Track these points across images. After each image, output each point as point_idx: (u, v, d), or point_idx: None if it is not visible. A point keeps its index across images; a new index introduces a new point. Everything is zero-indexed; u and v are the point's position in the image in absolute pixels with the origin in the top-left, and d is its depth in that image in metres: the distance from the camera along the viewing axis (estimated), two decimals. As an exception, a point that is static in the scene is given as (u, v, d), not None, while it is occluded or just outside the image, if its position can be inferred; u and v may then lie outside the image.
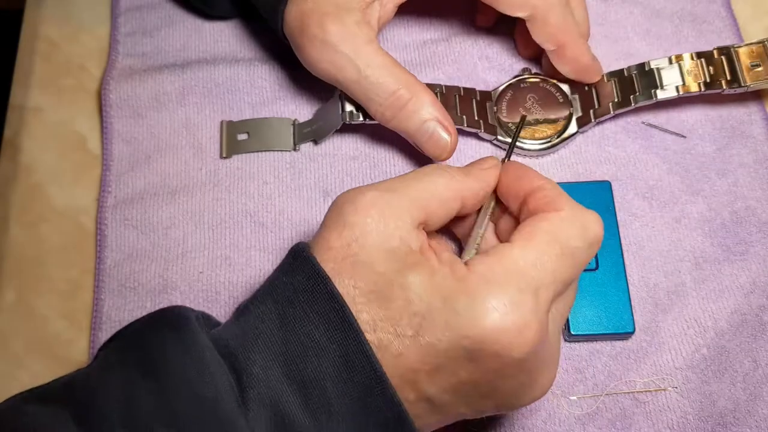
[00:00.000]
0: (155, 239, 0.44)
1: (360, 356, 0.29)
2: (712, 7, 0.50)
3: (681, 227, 0.44)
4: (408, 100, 0.41)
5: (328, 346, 0.30)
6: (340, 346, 0.30)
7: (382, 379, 0.29)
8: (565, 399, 0.41)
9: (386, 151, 0.46)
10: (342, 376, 0.30)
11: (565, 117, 0.46)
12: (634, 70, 0.45)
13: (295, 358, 0.30)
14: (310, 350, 0.30)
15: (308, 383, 0.30)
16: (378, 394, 0.30)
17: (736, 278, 0.43)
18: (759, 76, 0.44)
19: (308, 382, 0.30)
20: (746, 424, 0.40)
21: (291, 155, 0.46)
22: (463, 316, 0.30)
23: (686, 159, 0.46)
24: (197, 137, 0.47)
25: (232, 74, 0.48)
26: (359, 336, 0.29)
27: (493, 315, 0.30)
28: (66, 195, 0.47)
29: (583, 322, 0.41)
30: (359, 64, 0.40)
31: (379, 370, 0.29)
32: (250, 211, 0.45)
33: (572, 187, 0.44)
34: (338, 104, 0.44)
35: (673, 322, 0.42)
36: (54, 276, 0.45)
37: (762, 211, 0.45)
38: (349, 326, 0.29)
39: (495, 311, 0.30)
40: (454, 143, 0.42)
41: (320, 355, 0.30)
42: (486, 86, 0.48)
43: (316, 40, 0.41)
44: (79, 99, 0.49)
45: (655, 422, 0.40)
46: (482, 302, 0.30)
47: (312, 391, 0.30)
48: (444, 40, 0.49)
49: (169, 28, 0.50)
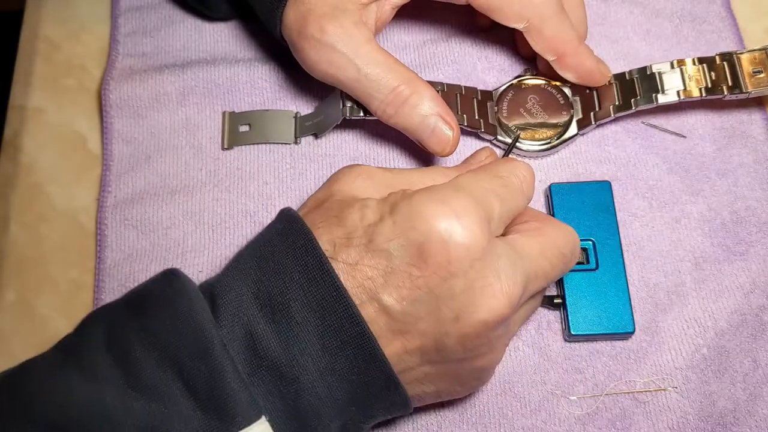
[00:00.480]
0: (155, 239, 0.44)
1: (319, 271, 0.32)
2: (712, 7, 0.50)
3: (681, 227, 0.44)
4: (409, 96, 0.41)
5: (293, 268, 0.32)
6: (304, 267, 0.32)
7: (339, 290, 0.31)
8: (565, 399, 0.41)
9: (387, 151, 0.46)
10: (305, 293, 0.32)
11: (565, 119, 0.46)
12: (635, 74, 0.45)
13: (265, 282, 0.32)
14: (279, 274, 0.32)
15: (275, 304, 0.32)
16: (339, 310, 0.31)
17: (736, 278, 0.43)
18: (761, 82, 0.44)
19: (275, 303, 0.32)
20: (746, 424, 0.40)
21: (291, 156, 0.46)
22: (412, 210, 0.32)
23: (686, 159, 0.46)
24: (197, 137, 0.47)
25: (232, 74, 0.48)
26: (319, 253, 0.32)
27: (440, 208, 0.32)
28: (66, 195, 0.47)
29: (583, 322, 0.41)
30: (358, 63, 0.41)
31: (337, 280, 0.31)
32: (250, 211, 0.45)
33: (572, 187, 0.44)
34: (339, 99, 0.44)
35: (673, 322, 0.42)
36: (54, 276, 0.45)
37: (762, 211, 0.45)
38: (312, 247, 0.32)
39: (443, 204, 0.32)
40: (456, 138, 0.42)
41: (286, 276, 0.32)
42: (486, 86, 0.48)
43: (314, 40, 0.41)
44: (79, 99, 0.49)
45: (655, 422, 0.40)
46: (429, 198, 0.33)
47: (277, 309, 0.32)
48: (444, 41, 0.49)
49: (169, 28, 0.50)
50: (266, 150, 0.47)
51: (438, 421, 0.40)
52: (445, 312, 0.32)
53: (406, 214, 0.32)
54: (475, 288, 0.32)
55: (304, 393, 0.31)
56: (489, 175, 0.36)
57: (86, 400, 0.30)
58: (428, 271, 0.32)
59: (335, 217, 0.34)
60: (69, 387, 0.30)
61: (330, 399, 0.32)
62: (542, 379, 0.41)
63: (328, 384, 0.32)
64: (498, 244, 0.33)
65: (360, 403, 0.33)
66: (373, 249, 0.32)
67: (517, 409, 0.40)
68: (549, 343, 0.42)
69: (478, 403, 0.41)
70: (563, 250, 0.36)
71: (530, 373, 0.41)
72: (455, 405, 0.41)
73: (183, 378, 0.30)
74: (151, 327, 0.31)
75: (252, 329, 0.31)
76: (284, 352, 0.31)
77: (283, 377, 0.31)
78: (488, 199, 0.34)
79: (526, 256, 0.34)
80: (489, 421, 0.40)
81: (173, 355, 0.30)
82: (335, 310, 0.31)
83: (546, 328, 0.42)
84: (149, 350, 0.31)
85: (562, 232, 0.36)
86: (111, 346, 0.31)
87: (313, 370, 0.31)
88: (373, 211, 0.33)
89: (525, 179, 0.36)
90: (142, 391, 0.30)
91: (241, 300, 0.32)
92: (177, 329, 0.31)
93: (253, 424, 0.30)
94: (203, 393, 0.30)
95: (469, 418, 0.40)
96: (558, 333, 0.42)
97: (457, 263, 0.32)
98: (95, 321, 0.33)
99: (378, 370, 0.32)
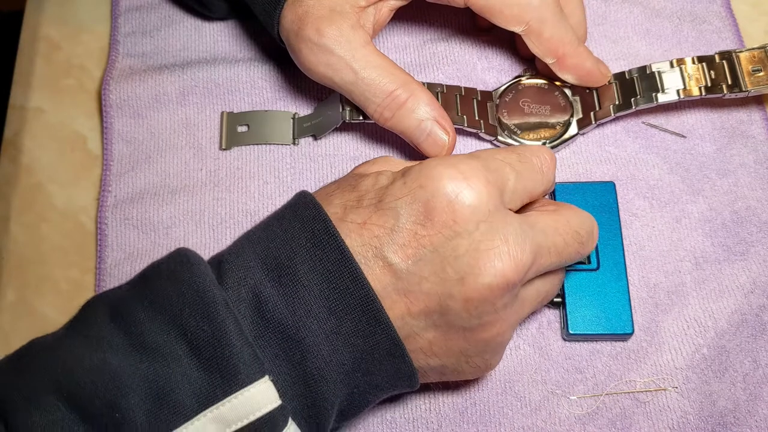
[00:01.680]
0: (156, 239, 0.44)
1: (325, 235, 0.32)
2: (712, 7, 0.50)
3: (681, 227, 0.44)
4: (406, 100, 0.41)
5: (300, 234, 0.33)
6: (311, 233, 0.33)
7: (345, 253, 0.32)
8: (565, 399, 0.41)
9: (387, 151, 0.46)
10: (311, 257, 0.32)
11: (565, 119, 0.46)
12: (635, 73, 0.45)
13: (272, 249, 0.33)
14: (286, 241, 0.33)
15: (282, 267, 0.32)
16: (344, 273, 0.32)
17: (737, 278, 0.43)
18: (760, 81, 0.44)
19: (282, 266, 0.32)
20: (746, 424, 0.40)
21: (292, 155, 0.46)
22: (422, 171, 0.33)
23: (686, 159, 0.46)
24: (197, 137, 0.47)
25: (232, 74, 0.48)
26: (326, 218, 0.33)
27: (450, 170, 0.33)
28: (66, 195, 0.47)
29: (582, 321, 0.41)
30: (355, 66, 0.41)
31: (343, 244, 0.32)
32: (250, 210, 0.45)
33: (577, 187, 0.44)
34: (338, 102, 0.44)
35: (673, 322, 0.42)
36: (54, 276, 0.45)
37: (762, 211, 0.45)
38: (319, 214, 0.33)
39: (453, 167, 0.33)
40: (452, 143, 0.42)
41: (293, 242, 0.33)
42: (485, 86, 0.48)
43: (312, 43, 0.41)
44: (79, 99, 0.49)
45: (655, 422, 0.40)
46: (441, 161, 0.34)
47: (284, 273, 0.32)
48: (443, 41, 0.49)
49: (169, 28, 0.50)
50: (266, 150, 0.47)
51: (438, 419, 0.40)
52: (449, 273, 0.32)
53: (416, 175, 0.34)
54: (480, 250, 0.32)
55: (309, 355, 0.32)
56: (507, 151, 0.36)
57: (91, 364, 0.30)
58: (433, 230, 0.32)
59: (350, 185, 0.35)
60: (74, 354, 0.30)
61: (335, 362, 0.32)
62: (543, 378, 0.41)
63: (334, 347, 0.32)
64: (509, 212, 0.34)
65: (365, 370, 0.33)
66: (382, 208, 0.33)
67: (518, 408, 0.40)
68: (550, 342, 0.42)
69: (478, 402, 0.41)
70: (578, 230, 0.36)
71: (531, 373, 0.41)
72: (455, 404, 0.41)
73: (187, 338, 0.30)
74: (154, 296, 0.32)
75: (258, 291, 0.32)
76: (290, 314, 0.32)
77: (289, 339, 0.32)
78: (502, 169, 0.35)
79: (538, 228, 0.34)
80: (489, 420, 0.40)
81: (177, 317, 0.31)
82: (341, 272, 0.32)
83: (547, 327, 0.42)
84: (153, 315, 0.31)
85: (579, 214, 0.37)
86: (115, 317, 0.31)
87: (319, 332, 0.32)
88: (387, 177, 0.35)
89: (545, 161, 0.37)
90: (146, 353, 0.30)
91: (248, 265, 0.33)
92: (180, 293, 0.31)
93: (255, 382, 0.30)
94: (206, 352, 0.30)
95: (469, 417, 0.40)
96: (559, 332, 0.42)
97: (463, 223, 0.32)
98: (98, 300, 0.33)
99: (383, 334, 0.32)
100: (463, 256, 0.32)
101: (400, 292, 0.33)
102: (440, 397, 0.41)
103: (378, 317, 0.32)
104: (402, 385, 0.35)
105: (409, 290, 0.33)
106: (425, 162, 0.34)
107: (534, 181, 0.36)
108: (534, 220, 0.35)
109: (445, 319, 0.33)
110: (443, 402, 0.41)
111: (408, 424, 0.40)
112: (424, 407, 0.40)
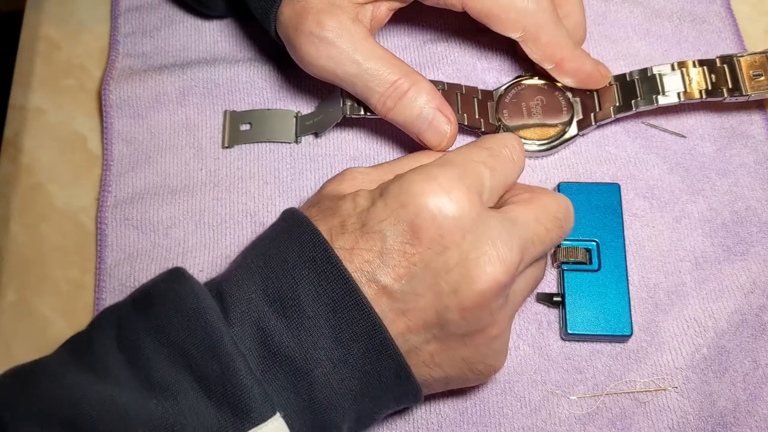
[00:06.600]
0: (156, 239, 0.44)
1: (328, 264, 0.32)
2: (712, 7, 0.50)
3: (681, 227, 0.44)
4: (408, 89, 0.41)
5: (301, 263, 0.33)
6: (312, 262, 0.32)
7: (349, 283, 0.32)
8: (565, 399, 0.41)
9: (387, 151, 0.46)
10: (314, 287, 0.32)
11: (565, 119, 0.46)
12: (636, 75, 0.45)
13: (273, 279, 0.32)
14: (287, 270, 0.33)
15: (285, 299, 0.32)
16: (349, 302, 0.32)
17: (737, 278, 0.43)
18: (761, 85, 0.44)
19: (285, 298, 0.32)
20: (746, 424, 0.40)
21: (292, 155, 0.46)
22: (401, 190, 0.33)
23: (686, 159, 0.46)
24: (197, 137, 0.47)
25: (232, 74, 0.48)
26: (327, 247, 0.32)
27: (428, 184, 0.33)
28: (66, 195, 0.47)
29: (580, 321, 0.41)
30: (358, 58, 0.41)
31: (346, 272, 0.32)
32: (250, 210, 0.45)
33: (581, 187, 0.44)
34: (339, 98, 0.44)
35: (673, 322, 0.42)
36: (54, 276, 0.45)
37: (762, 211, 0.45)
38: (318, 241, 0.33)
39: (431, 180, 0.33)
40: (454, 132, 0.42)
41: (294, 271, 0.32)
42: (486, 86, 0.48)
43: (313, 36, 0.41)
44: (79, 99, 0.49)
45: (655, 422, 0.40)
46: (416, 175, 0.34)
47: (288, 305, 0.32)
48: (444, 41, 0.49)
49: (169, 28, 0.50)
50: (266, 150, 0.47)
51: (438, 420, 0.40)
52: (443, 286, 0.33)
53: (395, 194, 0.33)
54: (470, 260, 0.32)
55: (318, 386, 0.32)
56: (476, 148, 0.36)
57: (99, 399, 0.30)
58: (422, 247, 0.32)
59: (329, 209, 0.35)
60: (81, 386, 0.30)
61: (344, 390, 0.32)
62: (542, 378, 0.41)
63: (342, 376, 0.32)
64: (491, 214, 0.34)
65: (373, 394, 0.33)
66: (367, 232, 0.33)
67: (517, 408, 0.40)
68: (549, 342, 0.42)
69: (478, 402, 0.41)
70: (557, 214, 0.37)
71: (530, 373, 0.41)
72: (455, 404, 0.41)
73: (195, 375, 0.30)
74: (160, 325, 0.31)
75: (263, 325, 0.32)
76: (297, 347, 0.32)
77: (297, 371, 0.31)
78: (477, 170, 0.35)
79: (520, 223, 0.35)
80: (489, 421, 0.40)
81: (184, 352, 0.31)
82: (346, 302, 0.32)
83: (546, 327, 0.42)
84: (159, 348, 0.31)
85: (554, 198, 0.37)
86: (121, 345, 0.31)
87: (327, 363, 0.32)
88: (365, 198, 0.35)
89: (514, 148, 0.37)
90: (155, 389, 0.30)
91: (251, 298, 0.32)
92: (187, 327, 0.31)
93: (268, 420, 0.30)
94: (216, 390, 0.30)
95: (469, 417, 0.40)
96: (558, 333, 0.42)
97: (449, 236, 0.32)
98: (105, 320, 0.33)
99: (390, 359, 0.32)
100: (454, 268, 0.32)
101: (398, 311, 0.33)
102: (440, 397, 0.41)
103: (385, 343, 0.32)
104: (407, 402, 0.35)
105: (406, 309, 0.33)
106: (402, 178, 0.34)
107: (507, 172, 0.37)
108: (514, 215, 0.35)
109: (445, 330, 0.33)
110: (443, 402, 0.41)
111: (408, 425, 0.40)
112: (425, 408, 0.40)
